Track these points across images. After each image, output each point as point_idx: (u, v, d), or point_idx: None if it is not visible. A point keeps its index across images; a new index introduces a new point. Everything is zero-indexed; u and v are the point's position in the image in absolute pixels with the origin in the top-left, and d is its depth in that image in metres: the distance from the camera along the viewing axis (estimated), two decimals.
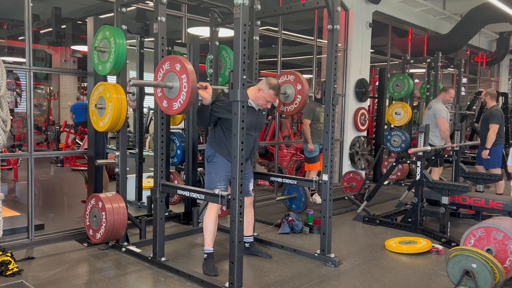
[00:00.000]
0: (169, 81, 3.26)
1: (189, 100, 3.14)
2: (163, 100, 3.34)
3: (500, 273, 3.07)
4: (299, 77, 4.21)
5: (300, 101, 4.17)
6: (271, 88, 3.50)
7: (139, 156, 5.45)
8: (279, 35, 6.83)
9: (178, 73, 3.19)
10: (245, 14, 2.98)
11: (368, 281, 3.57)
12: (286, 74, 4.28)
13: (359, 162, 8.10)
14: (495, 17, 9.86)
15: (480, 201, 4.83)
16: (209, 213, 3.63)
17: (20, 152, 5.48)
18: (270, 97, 3.52)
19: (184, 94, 3.15)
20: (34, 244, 4.16)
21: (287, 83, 4.26)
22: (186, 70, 3.14)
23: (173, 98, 3.25)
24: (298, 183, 4.25)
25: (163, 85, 3.28)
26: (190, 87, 3.11)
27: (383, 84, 8.00)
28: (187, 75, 3.13)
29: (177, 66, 3.20)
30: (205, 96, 3.41)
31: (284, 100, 4.27)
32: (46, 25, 9.30)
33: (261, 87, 3.52)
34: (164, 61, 3.33)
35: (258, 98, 3.55)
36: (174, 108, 3.26)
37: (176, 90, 3.21)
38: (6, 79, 3.03)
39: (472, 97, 10.93)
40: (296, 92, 4.20)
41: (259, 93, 3.53)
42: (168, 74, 3.27)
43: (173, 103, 3.25)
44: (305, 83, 4.20)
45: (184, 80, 3.15)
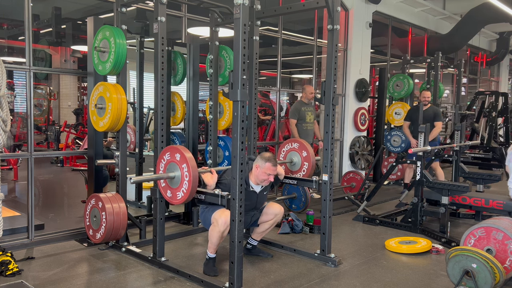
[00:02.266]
0: (171, 171, 3.32)
1: (192, 188, 3.22)
2: (167, 191, 3.42)
3: (500, 273, 3.07)
4: (303, 145, 4.37)
5: (308, 168, 4.33)
6: (266, 161, 3.54)
7: (139, 156, 5.45)
8: (279, 35, 6.83)
9: (178, 162, 3.26)
10: (245, 14, 2.98)
11: (368, 281, 3.57)
12: (290, 143, 4.44)
13: (359, 162, 8.10)
14: (495, 17, 9.86)
15: (480, 201, 4.83)
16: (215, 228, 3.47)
17: (20, 152, 5.48)
18: (269, 169, 3.55)
19: (187, 183, 3.22)
20: (34, 244, 4.16)
21: (292, 151, 4.40)
22: (185, 159, 3.21)
23: (176, 187, 3.32)
24: (298, 183, 4.26)
25: (165, 177, 3.34)
26: (191, 175, 3.18)
27: (383, 84, 8.00)
28: (187, 164, 3.20)
29: (177, 156, 3.28)
30: (210, 183, 3.48)
31: (291, 168, 4.38)
32: (46, 25, 9.29)
33: (258, 164, 3.57)
34: (164, 152, 3.39)
35: (259, 175, 3.58)
36: (178, 197, 3.33)
37: (178, 179, 3.29)
38: (6, 79, 3.02)
39: (472, 97, 10.94)
40: (302, 159, 4.34)
41: (258, 170, 3.57)
42: (169, 165, 3.34)
43: (176, 192, 3.33)
44: (310, 149, 4.35)
45: (185, 170, 3.22)
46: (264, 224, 3.93)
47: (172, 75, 5.05)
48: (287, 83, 19.57)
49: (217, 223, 3.44)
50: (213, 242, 3.54)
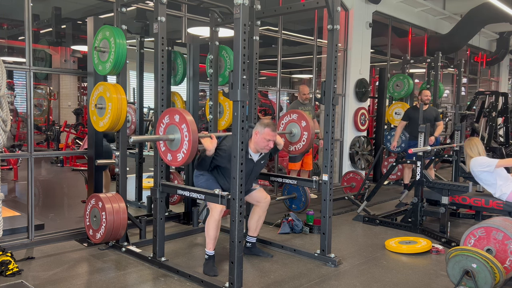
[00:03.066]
0: (170, 133, 3.30)
1: (192, 149, 3.17)
2: (167, 154, 3.38)
3: (500, 273, 3.07)
4: (302, 115, 4.31)
5: (307, 138, 4.26)
6: (266, 126, 3.52)
7: (139, 156, 5.45)
8: (279, 35, 6.83)
9: (178, 124, 3.23)
10: (245, 14, 2.98)
11: (368, 281, 3.57)
12: (289, 114, 4.38)
13: (359, 162, 8.10)
14: (495, 17, 9.86)
15: (480, 201, 4.82)
16: (211, 218, 3.59)
17: (20, 152, 5.48)
18: (268, 135, 3.53)
19: (186, 144, 3.19)
20: (34, 244, 4.16)
21: (292, 122, 4.34)
22: (185, 120, 3.18)
23: (176, 150, 3.28)
24: (298, 183, 4.25)
25: (164, 138, 3.31)
26: (191, 136, 3.15)
27: (383, 84, 8.00)
28: (187, 125, 3.17)
29: (177, 118, 3.24)
30: (209, 148, 3.45)
31: (291, 139, 4.34)
32: (46, 25, 9.30)
33: (257, 130, 3.55)
34: (164, 115, 3.36)
35: (258, 142, 3.56)
36: (178, 159, 3.29)
37: (178, 141, 3.25)
38: (6, 79, 3.02)
39: (472, 97, 10.94)
40: (301, 129, 4.28)
41: (257, 136, 3.55)
42: (169, 127, 3.31)
43: (176, 154, 3.29)
44: (309, 119, 4.29)
45: (184, 130, 3.19)
46: (254, 212, 3.95)
47: (172, 75, 5.05)
48: (287, 83, 19.58)
49: (213, 212, 3.51)
50: (210, 235, 3.56)
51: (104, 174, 4.82)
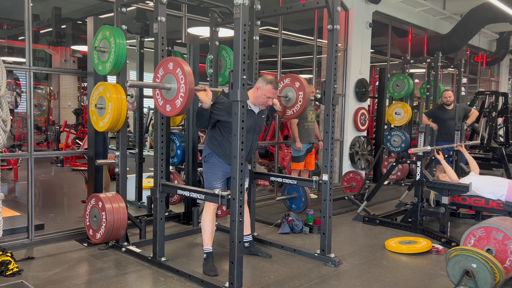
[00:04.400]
0: (167, 82, 3.26)
1: (187, 99, 3.13)
2: (166, 105, 3.34)
3: (500, 273, 3.07)
4: (296, 77, 4.24)
5: (303, 97, 4.15)
6: (268, 83, 3.50)
7: (139, 156, 5.45)
8: (279, 35, 6.83)
9: (176, 74, 3.19)
10: (245, 14, 2.98)
11: (368, 281, 3.57)
12: (283, 79, 4.32)
13: (359, 162, 8.10)
14: (495, 17, 9.86)
15: (480, 201, 4.82)
16: (206, 213, 3.64)
17: (20, 152, 5.48)
18: (269, 92, 3.52)
19: (182, 94, 3.15)
20: (34, 244, 4.16)
21: (286, 87, 4.27)
22: (183, 71, 3.15)
23: (171, 99, 3.25)
24: (298, 183, 4.25)
25: (161, 86, 3.28)
26: (187, 87, 3.11)
27: (383, 84, 8.00)
28: (184, 76, 3.13)
29: (175, 67, 3.21)
30: (205, 99, 3.42)
31: (286, 104, 4.28)
32: (46, 25, 9.30)
33: (259, 85, 3.53)
34: (162, 63, 3.33)
35: (258, 97, 3.55)
36: (177, 106, 3.23)
37: (174, 91, 3.21)
38: (6, 79, 3.02)
39: (472, 97, 10.94)
40: (296, 91, 4.19)
41: (258, 91, 3.53)
42: (166, 76, 3.27)
43: (175, 101, 3.24)
44: (303, 80, 4.19)
45: (181, 81, 3.15)
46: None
47: None
48: None
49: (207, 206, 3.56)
50: (206, 230, 3.58)
51: (104, 174, 4.82)
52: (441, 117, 6.78)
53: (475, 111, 6.86)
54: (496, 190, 4.72)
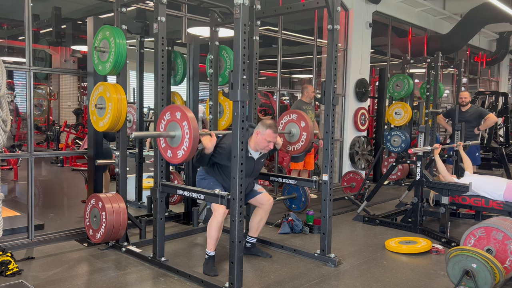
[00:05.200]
0: (171, 130, 3.30)
1: (193, 146, 3.17)
2: (167, 150, 3.38)
3: (500, 273, 3.07)
4: (302, 115, 4.31)
5: (306, 138, 4.27)
6: (268, 127, 3.52)
7: (139, 156, 5.45)
8: (279, 35, 6.83)
9: (179, 121, 3.23)
10: (245, 14, 2.98)
11: (368, 281, 3.57)
12: (289, 114, 4.39)
13: (359, 162, 8.10)
14: (495, 17, 9.86)
15: (480, 201, 4.82)
16: (214, 219, 3.56)
17: (20, 152, 5.48)
18: (269, 136, 3.53)
19: (187, 141, 3.19)
20: (34, 244, 4.16)
21: (291, 122, 4.34)
22: (186, 117, 3.18)
23: (176, 146, 3.29)
24: (298, 183, 4.25)
25: (165, 135, 3.31)
26: (192, 134, 3.15)
27: (383, 84, 8.00)
28: (188, 122, 3.17)
29: (178, 115, 3.24)
30: (208, 146, 3.46)
31: (290, 139, 4.34)
32: (46, 25, 9.29)
33: (259, 130, 3.55)
34: (165, 111, 3.36)
35: (259, 142, 3.56)
36: (178, 156, 3.29)
37: (179, 138, 3.25)
38: (6, 79, 3.02)
39: (472, 97, 10.94)
40: (300, 129, 4.28)
41: (258, 136, 3.55)
42: (170, 124, 3.31)
43: (177, 151, 3.29)
44: (309, 120, 4.30)
45: (185, 127, 3.19)
46: (256, 214, 3.95)
47: (172, 75, 5.05)
48: (287, 83, 19.58)
49: (216, 214, 3.50)
50: (212, 236, 3.56)
51: (103, 174, 4.82)
52: (459, 119, 6.74)
53: (493, 116, 6.63)
54: (494, 190, 4.72)
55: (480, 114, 6.72)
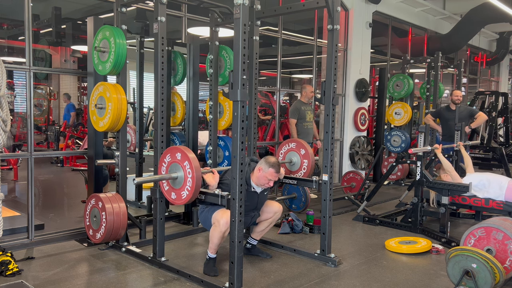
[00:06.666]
0: (173, 172, 3.31)
1: (196, 185, 3.19)
2: (171, 193, 3.40)
3: (500, 273, 3.07)
4: (300, 143, 4.36)
5: (308, 165, 4.31)
6: (270, 166, 3.53)
7: (139, 156, 5.45)
8: (279, 35, 6.83)
9: (180, 162, 3.25)
10: (245, 14, 2.98)
11: (368, 281, 3.57)
12: (287, 143, 4.44)
13: (359, 162, 8.10)
14: (495, 17, 9.86)
15: (480, 201, 4.82)
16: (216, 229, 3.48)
17: (20, 152, 5.48)
18: (271, 175, 3.54)
19: (190, 181, 3.21)
20: (34, 244, 4.16)
21: (291, 151, 4.38)
22: (187, 158, 3.20)
23: (179, 188, 3.31)
24: (298, 183, 4.25)
25: (167, 177, 3.33)
26: (194, 173, 3.16)
27: (383, 84, 8.00)
28: (189, 162, 3.19)
29: (178, 156, 3.26)
30: (212, 183, 3.49)
31: (291, 168, 4.37)
32: (46, 25, 9.29)
33: (261, 167, 3.56)
34: (165, 154, 3.39)
35: (260, 178, 3.57)
36: (183, 197, 3.31)
37: (182, 179, 3.27)
38: (6, 79, 3.02)
39: (472, 97, 10.94)
40: (301, 157, 4.31)
41: (260, 173, 3.56)
42: (171, 166, 3.33)
43: (181, 192, 3.31)
44: (308, 147, 4.33)
45: (187, 167, 3.21)
46: (263, 222, 3.94)
47: (172, 75, 5.05)
48: (287, 83, 19.58)
49: (219, 224, 3.44)
50: (214, 243, 3.54)
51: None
52: (444, 117, 6.76)
53: (483, 114, 6.59)
54: (496, 191, 4.72)
55: (470, 112, 6.70)
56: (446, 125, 6.72)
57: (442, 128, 6.82)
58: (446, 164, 4.98)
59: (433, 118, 6.91)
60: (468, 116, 6.63)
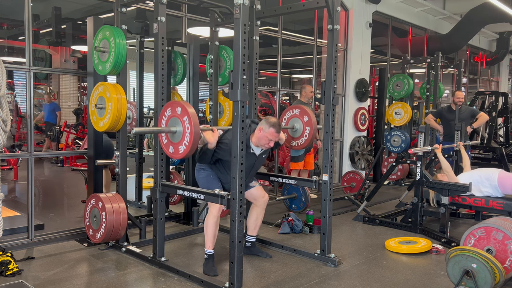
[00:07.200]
0: (172, 126, 3.29)
1: (194, 141, 3.17)
2: (169, 146, 3.38)
3: (500, 273, 3.07)
4: (305, 109, 4.28)
5: (309, 132, 4.23)
6: (271, 126, 3.51)
7: (139, 156, 5.45)
8: (279, 35, 6.83)
9: (180, 116, 3.23)
10: (245, 14, 2.98)
11: (368, 281, 3.57)
12: (292, 109, 4.35)
13: (359, 162, 8.10)
14: (495, 17, 9.86)
15: (480, 201, 4.82)
16: (209, 216, 3.62)
17: (20, 152, 5.48)
18: (271, 135, 3.53)
19: (188, 136, 3.18)
20: (34, 244, 4.16)
21: (294, 117, 4.31)
22: (187, 113, 3.17)
23: (178, 142, 3.28)
24: (298, 183, 4.25)
25: (166, 130, 3.31)
26: (193, 129, 3.14)
27: (383, 84, 8.00)
28: (189, 117, 3.16)
29: (178, 110, 3.24)
30: (211, 140, 3.46)
31: (293, 135, 4.32)
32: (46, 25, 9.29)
33: (262, 127, 3.54)
34: (166, 107, 3.36)
35: (260, 138, 3.56)
36: (180, 152, 3.28)
37: (180, 133, 3.25)
38: (6, 79, 3.02)
39: (472, 97, 10.94)
40: (303, 124, 4.25)
41: (261, 133, 3.55)
42: (171, 120, 3.31)
43: (178, 146, 3.28)
44: (312, 114, 4.26)
45: (186, 123, 3.18)
46: (253, 211, 3.96)
47: (172, 75, 5.05)
48: (287, 83, 19.58)
49: (211, 209, 3.56)
50: (209, 234, 3.58)
51: (104, 173, 4.82)
52: (445, 118, 6.76)
53: (484, 114, 6.63)
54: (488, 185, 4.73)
55: (472, 113, 6.72)
56: (447, 125, 6.72)
57: (444, 128, 6.83)
58: (444, 164, 4.99)
59: (434, 118, 6.91)
60: (470, 116, 6.65)
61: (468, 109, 6.83)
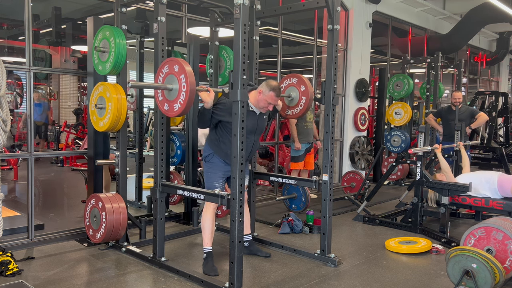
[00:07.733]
0: (169, 83, 3.27)
1: (189, 100, 3.14)
2: (164, 103, 3.35)
3: (500, 273, 3.07)
4: (302, 79, 4.21)
5: (305, 102, 4.17)
6: (271, 89, 3.50)
7: (139, 156, 5.45)
8: (279, 35, 6.83)
9: (177, 74, 3.20)
10: (245, 14, 2.98)
11: (368, 281, 3.57)
12: (289, 78, 4.29)
13: (359, 162, 8.10)
14: (495, 17, 9.87)
15: (480, 201, 4.82)
16: (206, 212, 3.66)
17: (20, 152, 5.48)
18: (271, 99, 3.52)
19: (184, 94, 3.16)
20: (34, 244, 4.16)
21: (291, 86, 4.26)
22: (184, 71, 3.15)
23: (173, 100, 3.26)
24: (298, 183, 4.25)
25: (163, 87, 3.29)
26: (188, 87, 3.12)
27: (383, 84, 8.00)
28: (186, 76, 3.14)
29: (176, 68, 3.21)
30: (207, 100, 3.43)
31: (289, 103, 4.28)
32: (46, 25, 9.30)
33: (262, 90, 3.53)
34: (164, 64, 3.34)
35: (259, 101, 3.55)
36: (175, 109, 3.26)
37: (176, 91, 3.22)
38: (6, 79, 3.02)
39: (472, 97, 10.94)
40: (300, 93, 4.20)
41: (260, 95, 3.54)
42: (168, 77, 3.29)
43: (173, 104, 3.26)
44: (309, 84, 4.19)
45: (183, 81, 3.16)
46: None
47: None
48: None
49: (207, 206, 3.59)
50: (206, 230, 3.60)
51: (104, 174, 4.82)
52: (445, 118, 6.77)
53: (484, 114, 6.63)
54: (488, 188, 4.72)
55: (471, 113, 6.72)
56: (447, 125, 6.73)
57: (444, 128, 6.83)
58: (443, 164, 4.99)
59: (434, 118, 6.92)
60: (469, 116, 6.65)
61: (468, 109, 6.83)
